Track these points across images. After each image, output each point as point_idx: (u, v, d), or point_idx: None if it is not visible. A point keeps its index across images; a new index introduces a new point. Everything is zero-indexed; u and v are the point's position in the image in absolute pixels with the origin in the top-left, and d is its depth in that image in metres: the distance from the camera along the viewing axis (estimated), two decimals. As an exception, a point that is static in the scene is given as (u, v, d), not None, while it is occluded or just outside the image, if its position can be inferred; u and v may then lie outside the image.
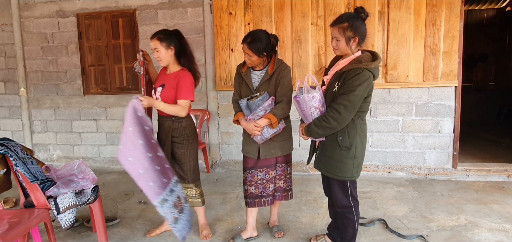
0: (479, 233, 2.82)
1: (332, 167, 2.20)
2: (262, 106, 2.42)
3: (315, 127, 2.13)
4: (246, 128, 2.50)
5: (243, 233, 2.77)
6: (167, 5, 4.67)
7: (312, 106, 2.14)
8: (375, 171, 4.33)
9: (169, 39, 2.51)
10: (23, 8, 5.05)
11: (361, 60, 2.05)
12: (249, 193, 2.63)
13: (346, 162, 2.15)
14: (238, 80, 2.61)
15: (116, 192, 3.95)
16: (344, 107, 2.03)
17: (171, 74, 2.60)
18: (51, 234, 2.46)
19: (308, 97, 2.12)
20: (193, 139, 2.66)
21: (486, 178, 4.09)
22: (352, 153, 2.15)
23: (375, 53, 2.12)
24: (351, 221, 2.27)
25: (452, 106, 4.12)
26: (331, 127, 2.08)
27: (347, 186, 2.23)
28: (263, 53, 2.40)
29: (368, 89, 2.08)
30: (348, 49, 2.09)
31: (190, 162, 2.65)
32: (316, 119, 2.14)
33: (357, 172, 2.21)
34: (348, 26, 2.05)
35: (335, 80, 2.14)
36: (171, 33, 2.56)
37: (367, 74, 2.03)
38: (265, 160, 2.58)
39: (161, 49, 2.51)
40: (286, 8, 4.28)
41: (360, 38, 2.08)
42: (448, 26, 3.98)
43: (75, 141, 5.23)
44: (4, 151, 2.31)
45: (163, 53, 2.51)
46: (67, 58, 5.05)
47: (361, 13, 2.07)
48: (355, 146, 2.14)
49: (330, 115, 2.07)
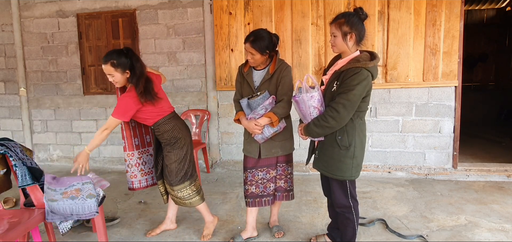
0: (479, 233, 2.82)
1: (331, 167, 2.20)
2: (263, 104, 2.43)
3: (314, 127, 2.14)
4: (247, 127, 2.51)
5: (243, 233, 2.77)
6: (167, 5, 4.67)
7: (311, 106, 2.14)
8: (375, 171, 4.33)
9: (123, 65, 2.48)
10: (23, 8, 5.05)
11: (360, 59, 2.06)
12: (250, 192, 2.63)
13: (345, 161, 2.15)
14: (240, 80, 2.63)
15: (116, 192, 3.95)
16: (342, 106, 2.04)
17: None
18: (51, 234, 2.46)
19: (307, 96, 2.13)
20: (174, 143, 2.65)
21: (486, 178, 4.09)
22: (351, 153, 2.15)
23: (373, 53, 2.13)
24: (350, 221, 2.27)
25: (452, 106, 4.12)
26: (330, 126, 2.09)
27: (346, 186, 2.23)
28: (266, 51, 2.43)
29: (367, 89, 2.08)
30: (344, 45, 2.10)
31: (171, 164, 2.65)
32: (315, 119, 2.14)
33: (357, 172, 2.21)
34: (345, 22, 2.08)
35: (333, 79, 2.14)
36: (123, 55, 2.49)
37: (365, 73, 2.04)
38: (266, 159, 2.58)
39: (116, 75, 2.50)
40: (286, 8, 4.28)
41: (357, 36, 2.09)
42: (448, 26, 3.98)
43: (75, 141, 5.23)
44: (4, 151, 2.31)
45: (119, 78, 2.52)
46: (67, 58, 5.05)
47: (360, 13, 2.09)
48: (354, 145, 2.14)
49: (329, 115, 2.07)
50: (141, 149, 2.85)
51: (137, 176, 2.84)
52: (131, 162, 2.81)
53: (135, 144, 2.80)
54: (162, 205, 3.52)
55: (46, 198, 2.34)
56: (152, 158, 2.90)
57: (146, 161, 2.88)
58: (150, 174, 2.91)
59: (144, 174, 2.88)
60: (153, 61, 4.81)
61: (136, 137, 2.82)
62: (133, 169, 2.82)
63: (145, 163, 2.87)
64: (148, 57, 4.81)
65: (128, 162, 2.81)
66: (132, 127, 2.79)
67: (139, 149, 2.83)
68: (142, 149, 2.85)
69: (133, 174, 2.83)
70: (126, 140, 2.77)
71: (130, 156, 2.80)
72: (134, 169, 2.83)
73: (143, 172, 2.87)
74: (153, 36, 4.77)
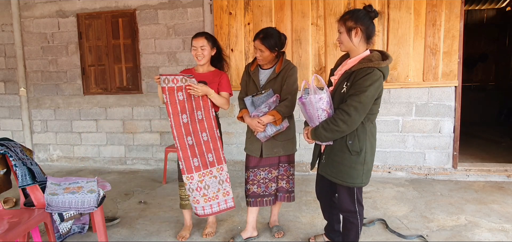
0: (479, 233, 2.82)
1: (340, 173, 2.07)
2: (266, 102, 2.45)
3: (323, 130, 2.01)
4: (250, 124, 2.52)
5: (243, 233, 2.77)
6: (167, 5, 4.67)
7: (319, 108, 2.01)
8: (375, 171, 4.33)
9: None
10: (23, 8, 5.05)
11: (372, 58, 1.95)
12: (251, 192, 2.63)
13: (356, 167, 2.03)
14: (246, 79, 2.66)
15: (116, 192, 3.95)
16: (354, 108, 1.92)
17: (209, 72, 2.68)
18: (51, 234, 2.45)
19: (315, 98, 1.99)
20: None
21: (486, 178, 4.09)
22: (362, 158, 2.03)
23: (384, 53, 2.02)
24: (354, 225, 2.19)
25: (452, 106, 4.12)
26: (341, 130, 1.96)
27: (354, 192, 2.12)
28: (274, 49, 2.47)
29: (379, 90, 1.98)
30: (350, 42, 2.00)
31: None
32: (324, 122, 2.01)
33: (367, 178, 2.09)
34: (349, 17, 1.99)
35: (343, 80, 2.03)
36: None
37: (378, 73, 1.93)
38: (268, 159, 2.58)
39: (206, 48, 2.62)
40: (286, 8, 4.27)
41: (364, 32, 1.98)
42: (448, 26, 3.98)
43: (75, 141, 5.23)
44: (4, 151, 2.31)
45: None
46: (67, 58, 5.05)
47: (368, 9, 1.98)
48: (365, 150, 2.03)
49: (340, 118, 1.95)
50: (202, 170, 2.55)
51: (200, 202, 2.54)
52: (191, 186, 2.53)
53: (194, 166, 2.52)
54: (162, 205, 3.52)
55: (47, 192, 2.37)
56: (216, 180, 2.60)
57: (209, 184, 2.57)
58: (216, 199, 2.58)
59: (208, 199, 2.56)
60: (153, 61, 4.81)
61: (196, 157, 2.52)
62: (195, 193, 2.53)
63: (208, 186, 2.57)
64: (148, 57, 4.81)
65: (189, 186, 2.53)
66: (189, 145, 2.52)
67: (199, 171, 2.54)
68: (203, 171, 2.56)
69: (195, 199, 2.54)
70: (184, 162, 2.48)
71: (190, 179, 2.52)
72: (196, 193, 2.53)
73: (207, 198, 2.55)
74: (153, 36, 4.77)
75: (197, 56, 2.59)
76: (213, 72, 2.68)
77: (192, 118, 2.53)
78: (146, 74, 4.85)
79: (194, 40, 2.60)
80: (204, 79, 2.59)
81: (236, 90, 2.95)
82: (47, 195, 2.35)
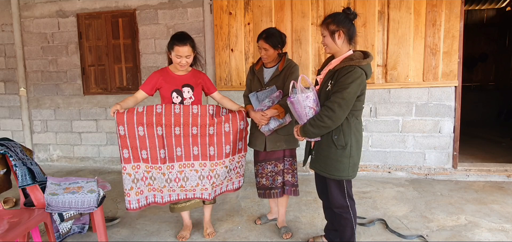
0: (479, 233, 2.82)
1: (328, 167, 2.21)
2: (270, 97, 2.59)
3: (310, 127, 2.15)
4: (254, 118, 2.65)
5: (269, 215, 3.10)
6: (167, 5, 4.67)
7: (307, 106, 2.16)
8: (375, 171, 4.33)
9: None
10: (23, 8, 5.05)
11: (353, 58, 2.10)
12: (261, 184, 2.82)
13: (342, 161, 2.16)
14: (250, 77, 2.83)
15: (116, 192, 3.95)
16: (338, 105, 2.06)
17: (188, 74, 2.68)
18: (51, 234, 2.45)
19: (302, 97, 2.14)
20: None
21: (486, 178, 4.09)
22: (348, 152, 2.16)
23: (366, 52, 2.17)
24: (348, 221, 2.28)
25: (452, 106, 4.12)
26: (326, 125, 2.10)
27: (343, 186, 2.25)
28: (278, 46, 2.64)
29: (361, 87, 2.11)
30: (334, 44, 2.14)
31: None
32: (311, 119, 2.15)
33: (354, 171, 2.22)
34: (331, 21, 2.13)
35: (328, 79, 2.17)
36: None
37: (359, 71, 2.07)
38: (273, 153, 2.72)
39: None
40: (286, 8, 4.27)
41: (346, 34, 2.12)
42: (448, 26, 3.98)
43: (75, 141, 5.23)
44: (4, 151, 2.31)
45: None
46: (67, 58, 5.05)
47: (347, 12, 2.14)
48: (350, 145, 2.16)
49: (325, 114, 2.09)
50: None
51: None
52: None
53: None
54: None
55: (47, 192, 2.38)
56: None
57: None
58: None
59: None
60: (153, 61, 4.81)
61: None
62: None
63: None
64: (148, 57, 4.81)
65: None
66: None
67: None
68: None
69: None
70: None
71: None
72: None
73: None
74: (153, 36, 4.77)
75: (180, 64, 2.51)
76: (191, 73, 2.68)
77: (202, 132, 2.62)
78: (146, 74, 4.84)
79: (178, 47, 2.46)
80: (186, 81, 2.62)
81: (236, 90, 2.98)
82: (47, 195, 2.36)
